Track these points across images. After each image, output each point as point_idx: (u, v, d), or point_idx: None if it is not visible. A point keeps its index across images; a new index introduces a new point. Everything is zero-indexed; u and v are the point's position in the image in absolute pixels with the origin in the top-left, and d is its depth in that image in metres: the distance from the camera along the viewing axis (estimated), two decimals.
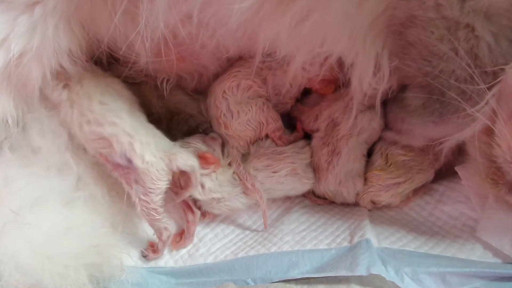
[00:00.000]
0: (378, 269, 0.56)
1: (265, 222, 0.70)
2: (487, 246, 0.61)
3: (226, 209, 0.70)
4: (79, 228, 0.61)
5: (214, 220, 0.73)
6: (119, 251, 0.62)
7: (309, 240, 0.66)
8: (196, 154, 0.68)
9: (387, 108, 0.68)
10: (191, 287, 0.63)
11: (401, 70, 0.58)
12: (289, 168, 0.70)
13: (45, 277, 0.55)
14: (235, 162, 0.71)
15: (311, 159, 0.72)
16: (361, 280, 0.57)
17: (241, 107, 0.71)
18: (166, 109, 0.75)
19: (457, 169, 0.66)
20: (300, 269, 0.61)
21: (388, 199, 0.70)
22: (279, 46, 0.61)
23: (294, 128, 0.76)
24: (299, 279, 0.60)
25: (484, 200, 0.64)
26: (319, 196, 0.74)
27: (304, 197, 0.75)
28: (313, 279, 0.59)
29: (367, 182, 0.71)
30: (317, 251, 0.64)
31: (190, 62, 0.70)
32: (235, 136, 0.72)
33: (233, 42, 0.66)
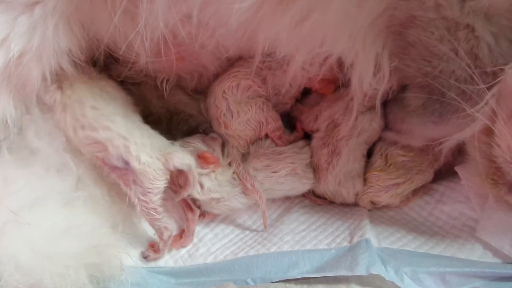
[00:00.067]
0: (377, 269, 0.56)
1: (265, 222, 0.70)
2: (487, 246, 0.61)
3: (225, 209, 0.70)
4: (79, 228, 0.61)
5: (213, 220, 0.73)
6: (119, 251, 0.62)
7: (309, 240, 0.66)
8: (196, 153, 0.68)
9: (387, 108, 0.68)
10: (191, 287, 0.63)
11: (401, 70, 0.58)
12: (289, 168, 0.70)
13: (45, 277, 0.55)
14: (234, 162, 0.70)
15: (310, 159, 0.72)
16: (361, 280, 0.57)
17: (241, 106, 0.71)
18: (166, 109, 0.75)
19: (457, 169, 0.66)
20: (300, 269, 0.61)
21: (387, 199, 0.70)
22: (279, 46, 0.61)
23: (294, 128, 0.76)
24: (298, 279, 0.60)
25: (484, 200, 0.64)
26: (319, 196, 0.74)
27: (304, 197, 0.75)
28: (313, 279, 0.59)
29: (366, 183, 0.71)
30: (317, 251, 0.64)
31: (190, 62, 0.70)
32: (235, 135, 0.72)
33: (233, 42, 0.66)
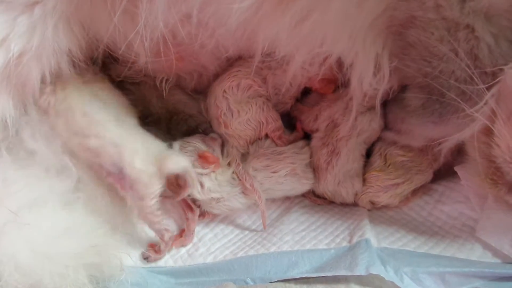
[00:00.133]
0: (377, 269, 0.56)
1: (264, 222, 0.70)
2: (486, 246, 0.61)
3: (225, 209, 0.70)
4: (78, 228, 0.61)
5: (213, 220, 0.73)
6: (119, 251, 0.62)
7: (308, 240, 0.67)
8: (197, 153, 0.68)
9: (386, 109, 0.68)
10: (190, 287, 0.63)
11: (401, 70, 0.58)
12: (289, 169, 0.70)
13: (45, 277, 0.55)
14: (234, 162, 0.70)
15: (310, 159, 0.72)
16: (361, 280, 0.57)
17: (241, 106, 0.71)
18: (166, 109, 0.75)
19: (457, 169, 0.66)
20: (299, 269, 0.61)
21: (386, 199, 0.70)
22: (279, 46, 0.61)
23: (294, 128, 0.76)
24: (298, 279, 0.60)
25: (483, 200, 0.64)
26: (319, 196, 0.74)
27: (303, 197, 0.75)
28: (313, 279, 0.59)
29: (366, 183, 0.71)
30: (317, 251, 0.64)
31: (190, 62, 0.70)
32: (235, 135, 0.72)
33: (233, 42, 0.66)
